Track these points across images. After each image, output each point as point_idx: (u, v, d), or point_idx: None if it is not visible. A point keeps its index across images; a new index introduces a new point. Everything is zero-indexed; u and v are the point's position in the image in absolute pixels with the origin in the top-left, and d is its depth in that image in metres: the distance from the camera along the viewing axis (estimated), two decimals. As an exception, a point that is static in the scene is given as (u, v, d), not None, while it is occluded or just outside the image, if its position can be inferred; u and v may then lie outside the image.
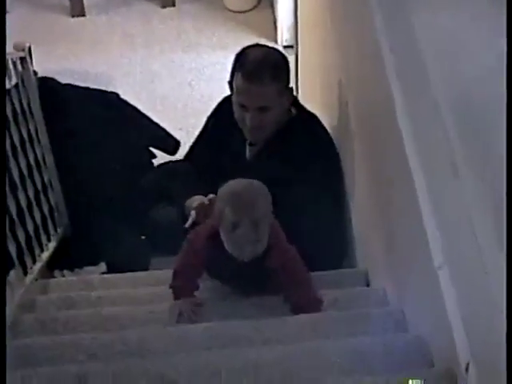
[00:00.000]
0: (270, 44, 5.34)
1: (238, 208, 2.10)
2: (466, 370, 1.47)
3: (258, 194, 2.15)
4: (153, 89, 5.08)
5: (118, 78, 5.13)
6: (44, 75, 3.20)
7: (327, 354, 1.83)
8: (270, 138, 2.79)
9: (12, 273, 2.47)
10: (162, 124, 3.68)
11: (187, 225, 2.55)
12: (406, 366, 1.76)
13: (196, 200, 2.65)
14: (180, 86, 5.10)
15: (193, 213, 2.57)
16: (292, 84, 2.86)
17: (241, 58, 2.72)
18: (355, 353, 1.83)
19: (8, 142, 2.56)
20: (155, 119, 3.64)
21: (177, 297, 2.27)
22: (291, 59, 4.74)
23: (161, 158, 3.58)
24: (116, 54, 5.42)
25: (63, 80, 3.43)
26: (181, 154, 3.51)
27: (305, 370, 1.79)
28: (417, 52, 1.82)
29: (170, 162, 3.54)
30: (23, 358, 1.98)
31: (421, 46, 1.79)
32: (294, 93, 2.88)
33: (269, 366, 1.81)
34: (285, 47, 5.30)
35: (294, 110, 2.84)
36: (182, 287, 2.28)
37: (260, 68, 2.65)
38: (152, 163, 3.51)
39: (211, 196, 2.53)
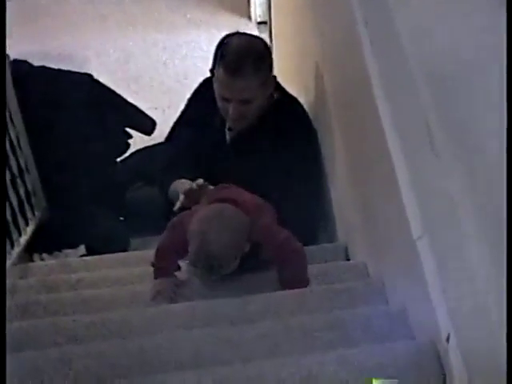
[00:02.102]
0: (244, 20, 5.41)
1: (198, 249, 2.08)
2: (447, 340, 1.47)
3: (221, 231, 2.09)
4: (127, 69, 5.06)
5: (91, 58, 5.10)
6: (16, 58, 3.17)
7: (309, 329, 1.83)
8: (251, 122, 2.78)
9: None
10: (138, 104, 3.65)
11: (175, 208, 2.55)
12: (387, 338, 1.76)
13: (183, 184, 2.64)
14: (154, 65, 5.08)
15: (181, 197, 2.56)
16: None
17: (223, 49, 2.68)
18: (337, 326, 1.84)
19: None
20: (130, 99, 3.61)
21: (157, 276, 2.26)
22: (265, 36, 4.76)
23: (137, 138, 3.56)
24: (89, 34, 5.38)
25: (36, 62, 3.39)
26: (156, 134, 3.50)
27: (287, 346, 1.79)
28: (392, 27, 1.81)
29: (149, 146, 3.54)
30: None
31: (396, 21, 1.79)
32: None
33: (251, 342, 1.81)
34: (258, 23, 5.30)
35: (275, 94, 2.81)
36: (162, 267, 2.26)
37: (242, 61, 2.62)
38: (128, 144, 3.49)
39: (200, 181, 2.52)
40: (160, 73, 4.99)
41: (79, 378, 1.76)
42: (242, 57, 2.63)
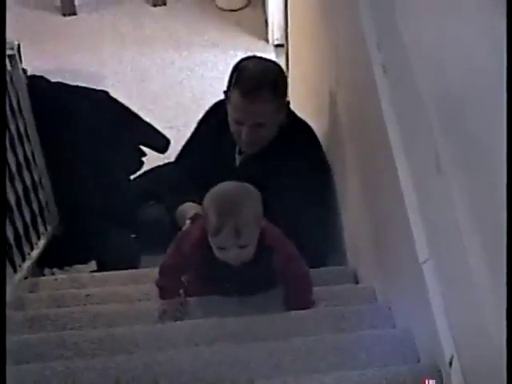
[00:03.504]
0: (261, 43, 5.45)
1: (221, 212, 2.04)
2: (450, 363, 1.48)
3: (245, 197, 2.08)
4: (143, 87, 5.09)
5: (108, 76, 5.14)
6: (34, 73, 3.20)
7: (314, 350, 1.84)
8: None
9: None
10: (153, 123, 3.68)
11: None
12: (392, 361, 1.77)
13: (189, 208, 2.66)
14: (171, 84, 5.11)
15: (187, 223, 2.57)
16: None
17: (238, 72, 2.67)
18: (342, 349, 1.84)
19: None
20: (146, 118, 3.64)
21: (162, 295, 2.27)
22: (282, 58, 4.79)
23: (151, 156, 3.59)
24: (106, 52, 5.43)
25: (53, 79, 3.42)
26: (170, 152, 3.52)
27: (291, 366, 1.79)
28: (403, 50, 1.83)
29: (160, 165, 3.56)
30: (10, 355, 1.98)
31: (407, 43, 1.80)
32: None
33: (256, 361, 1.81)
34: (276, 46, 5.32)
35: (286, 119, 2.82)
36: (167, 287, 2.27)
37: (258, 86, 2.61)
38: (142, 161, 3.52)
39: None
40: (176, 92, 5.02)
41: (84, 392, 1.77)
42: (257, 81, 2.63)
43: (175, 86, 5.09)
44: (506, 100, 1.17)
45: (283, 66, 4.30)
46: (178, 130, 4.44)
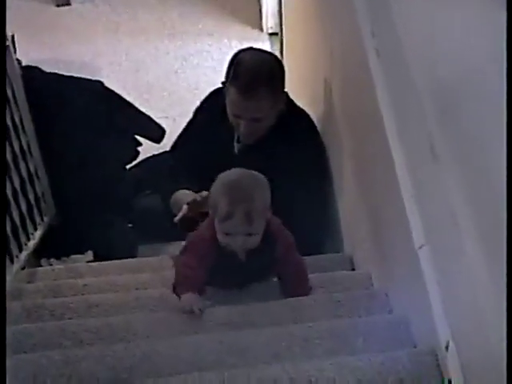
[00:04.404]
0: (256, 32, 5.44)
1: (233, 197, 2.02)
2: (446, 348, 1.49)
3: (256, 184, 2.08)
4: (138, 77, 5.07)
5: (103, 66, 5.11)
6: (28, 64, 3.20)
7: (311, 337, 1.85)
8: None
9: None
10: (149, 113, 3.68)
11: (176, 219, 2.56)
12: (388, 346, 1.78)
13: (184, 195, 2.66)
14: (166, 74, 5.09)
15: (184, 207, 2.57)
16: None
17: (235, 67, 2.68)
18: (338, 334, 1.85)
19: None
20: (141, 108, 3.64)
21: (182, 291, 2.10)
22: (276, 47, 4.79)
23: (146, 146, 3.59)
24: (101, 43, 5.40)
25: (48, 69, 3.42)
26: (165, 142, 3.52)
27: (288, 353, 1.80)
28: (397, 38, 1.83)
29: (155, 155, 3.56)
30: (8, 345, 1.98)
31: (400, 32, 1.81)
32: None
33: (253, 348, 1.82)
34: (270, 34, 5.31)
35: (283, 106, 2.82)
36: (188, 279, 2.12)
37: (255, 84, 2.62)
38: (138, 151, 3.52)
39: (204, 193, 2.52)
40: (171, 82, 5.00)
41: (82, 381, 1.78)
42: (254, 78, 2.63)
43: (170, 75, 5.08)
44: (506, 90, 1.18)
45: (278, 54, 4.31)
46: (173, 119, 4.43)
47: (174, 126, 4.04)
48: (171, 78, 5.06)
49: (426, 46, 1.67)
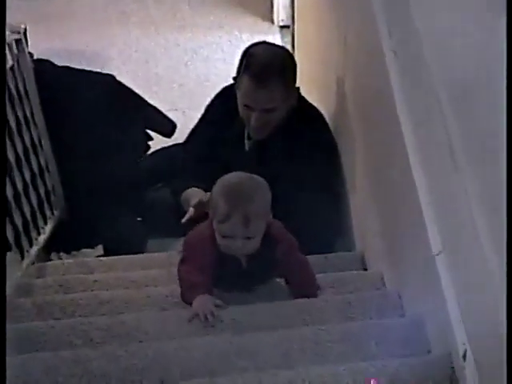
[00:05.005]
0: (266, 24, 5.41)
1: (232, 199, 2.02)
2: (464, 357, 1.47)
3: (257, 188, 2.06)
4: (148, 69, 5.05)
5: (113, 57, 5.11)
6: (40, 57, 3.18)
7: (323, 340, 1.83)
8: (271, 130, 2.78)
9: (9, 255, 2.45)
10: (158, 105, 3.67)
11: (184, 220, 2.55)
12: (402, 350, 1.76)
13: (194, 195, 2.65)
14: (175, 66, 5.07)
15: (191, 210, 2.56)
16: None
17: (248, 58, 2.68)
18: (350, 338, 1.84)
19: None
20: (151, 100, 3.63)
21: (193, 295, 2.07)
22: (287, 40, 4.76)
23: (157, 140, 3.58)
24: (111, 33, 5.39)
25: (58, 59, 3.41)
26: (176, 136, 3.51)
27: (300, 356, 1.79)
28: (416, 39, 1.81)
29: (167, 147, 3.54)
30: (20, 342, 1.98)
31: (419, 33, 1.79)
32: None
33: (265, 351, 1.81)
34: (281, 27, 5.29)
35: (295, 102, 2.80)
36: (198, 283, 2.09)
37: (268, 71, 2.62)
38: (148, 145, 3.51)
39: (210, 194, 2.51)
40: (181, 74, 4.98)
41: (93, 381, 1.77)
42: (268, 67, 2.63)
43: (180, 67, 5.06)
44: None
45: (289, 47, 4.29)
46: (183, 112, 4.43)
47: (183, 119, 4.05)
48: (181, 70, 5.04)
49: (444, 44, 1.64)
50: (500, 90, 1.31)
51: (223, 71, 4.75)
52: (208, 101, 3.07)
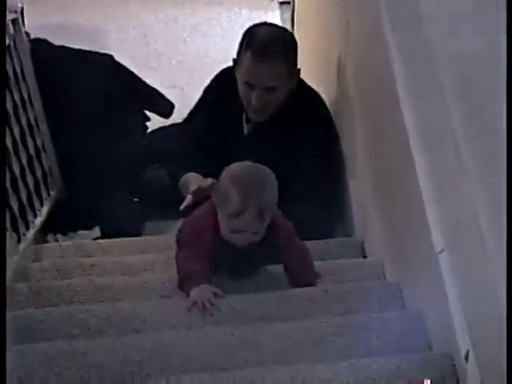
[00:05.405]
0: (265, 0, 5.35)
1: (247, 192, 1.95)
2: (466, 358, 1.46)
3: (268, 180, 2.01)
4: (146, 44, 5.00)
5: (111, 32, 5.05)
6: (36, 37, 3.14)
7: (324, 332, 1.82)
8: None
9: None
10: (156, 81, 3.64)
11: (182, 207, 2.52)
12: (403, 344, 1.75)
13: (192, 180, 2.61)
14: (174, 42, 5.02)
15: (189, 197, 2.52)
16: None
17: (249, 37, 2.65)
18: (352, 331, 1.82)
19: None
20: (149, 77, 3.60)
21: (188, 285, 2.05)
22: (287, 16, 4.71)
23: (154, 120, 3.55)
24: (109, 8, 5.33)
25: (54, 34, 3.37)
26: (174, 116, 3.48)
27: (301, 349, 1.78)
28: (420, 29, 1.77)
29: (165, 126, 3.51)
30: (17, 331, 1.96)
31: (425, 23, 1.75)
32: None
33: (266, 344, 1.79)
34: (280, 3, 5.23)
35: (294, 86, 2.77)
36: (196, 271, 2.05)
37: (270, 47, 2.60)
38: (146, 126, 3.48)
39: (210, 180, 2.48)
40: (180, 51, 4.93)
41: (91, 372, 1.76)
42: (270, 43, 2.61)
43: (179, 43, 5.01)
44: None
45: (289, 24, 4.24)
46: (181, 89, 4.38)
47: (182, 96, 4.01)
48: (180, 46, 4.99)
49: (450, 41, 1.61)
50: (501, 80, 1.29)
51: (222, 48, 4.71)
52: (207, 79, 3.03)
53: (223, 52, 4.62)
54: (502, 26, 1.30)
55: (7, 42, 2.71)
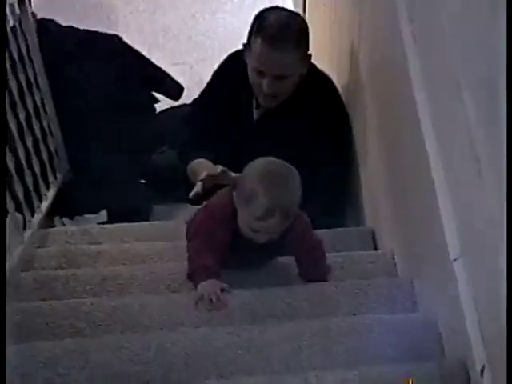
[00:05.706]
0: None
1: (276, 196, 1.87)
2: (481, 372, 1.42)
3: (294, 180, 1.93)
4: (155, 19, 4.94)
5: (119, 6, 4.98)
6: (43, 17, 3.09)
7: (333, 333, 1.78)
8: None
9: (8, 221, 2.36)
10: (164, 58, 3.60)
11: (191, 195, 2.46)
12: (415, 349, 1.72)
13: (202, 167, 2.56)
14: (183, 18, 4.95)
15: (199, 184, 2.46)
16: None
17: (261, 21, 2.57)
18: (362, 332, 1.79)
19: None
20: (157, 53, 3.56)
21: (198, 277, 2.01)
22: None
23: (163, 103, 3.50)
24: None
25: (64, 9, 3.32)
26: (183, 100, 3.43)
27: (309, 351, 1.74)
28: (435, 17, 1.72)
29: (174, 107, 3.47)
30: (21, 325, 1.93)
31: (442, 18, 1.70)
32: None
33: (273, 345, 1.76)
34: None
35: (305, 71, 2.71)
36: (207, 266, 2.01)
37: (283, 34, 2.53)
38: (155, 108, 3.43)
39: (220, 168, 2.43)
40: (189, 27, 4.86)
41: (96, 372, 1.73)
42: (282, 30, 2.54)
43: (187, 19, 4.94)
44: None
45: (300, 5, 4.17)
46: (190, 66, 4.33)
47: (190, 73, 3.96)
48: (188, 22, 4.93)
49: (467, 38, 1.56)
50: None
51: (231, 24, 4.65)
52: (216, 56, 2.98)
53: (232, 28, 4.56)
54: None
55: (13, 22, 2.66)
